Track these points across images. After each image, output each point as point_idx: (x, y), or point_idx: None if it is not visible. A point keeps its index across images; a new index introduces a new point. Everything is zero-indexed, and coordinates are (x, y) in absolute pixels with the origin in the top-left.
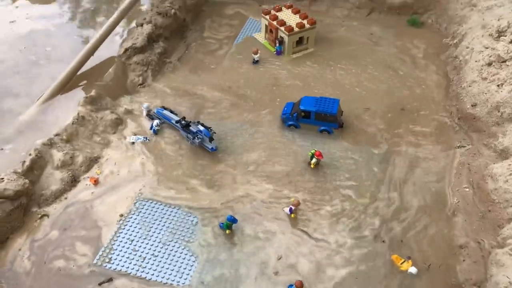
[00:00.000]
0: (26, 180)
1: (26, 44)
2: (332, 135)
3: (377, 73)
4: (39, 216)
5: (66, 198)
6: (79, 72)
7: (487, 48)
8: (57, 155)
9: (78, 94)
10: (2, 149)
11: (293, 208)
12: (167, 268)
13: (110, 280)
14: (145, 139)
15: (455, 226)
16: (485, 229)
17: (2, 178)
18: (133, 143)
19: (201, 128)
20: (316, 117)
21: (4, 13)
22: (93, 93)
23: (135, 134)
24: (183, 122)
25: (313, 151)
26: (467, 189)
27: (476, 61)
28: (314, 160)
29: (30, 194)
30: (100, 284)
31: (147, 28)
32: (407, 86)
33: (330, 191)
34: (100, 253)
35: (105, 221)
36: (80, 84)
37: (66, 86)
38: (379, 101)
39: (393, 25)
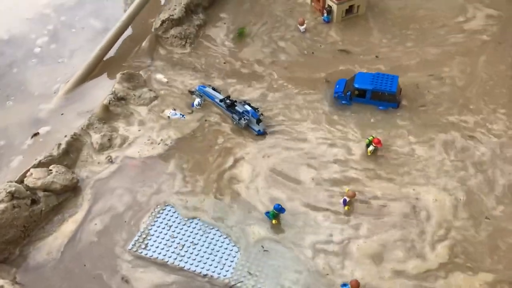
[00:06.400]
0: (75, 175)
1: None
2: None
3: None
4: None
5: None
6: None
7: None
8: (94, 137)
9: (113, 73)
10: (37, 133)
11: (347, 199)
12: (207, 258)
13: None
14: (181, 116)
15: None
16: None
17: (51, 170)
18: (168, 117)
19: (248, 108)
20: (372, 96)
21: None
22: (129, 70)
23: (174, 109)
24: (227, 101)
25: (370, 138)
26: None
27: None
28: (371, 148)
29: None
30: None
31: None
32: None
33: None
34: (136, 238)
35: (141, 205)
36: (113, 62)
37: (94, 69)
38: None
39: None
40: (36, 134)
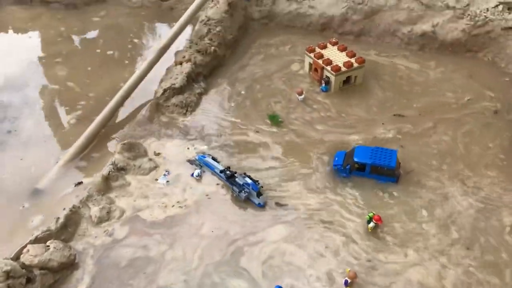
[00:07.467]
0: (72, 251)
1: None
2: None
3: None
4: None
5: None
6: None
7: None
8: (93, 210)
9: (113, 141)
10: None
11: (348, 281)
12: None
13: None
14: (167, 173)
15: None
16: None
17: (48, 246)
18: (168, 181)
19: (249, 181)
20: (371, 170)
21: None
22: (129, 139)
23: (156, 179)
24: (227, 172)
25: (371, 214)
26: None
27: None
28: (371, 225)
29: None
30: None
31: (186, 67)
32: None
33: None
34: None
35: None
36: (113, 136)
37: (94, 139)
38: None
39: (444, 63)
40: (79, 183)
